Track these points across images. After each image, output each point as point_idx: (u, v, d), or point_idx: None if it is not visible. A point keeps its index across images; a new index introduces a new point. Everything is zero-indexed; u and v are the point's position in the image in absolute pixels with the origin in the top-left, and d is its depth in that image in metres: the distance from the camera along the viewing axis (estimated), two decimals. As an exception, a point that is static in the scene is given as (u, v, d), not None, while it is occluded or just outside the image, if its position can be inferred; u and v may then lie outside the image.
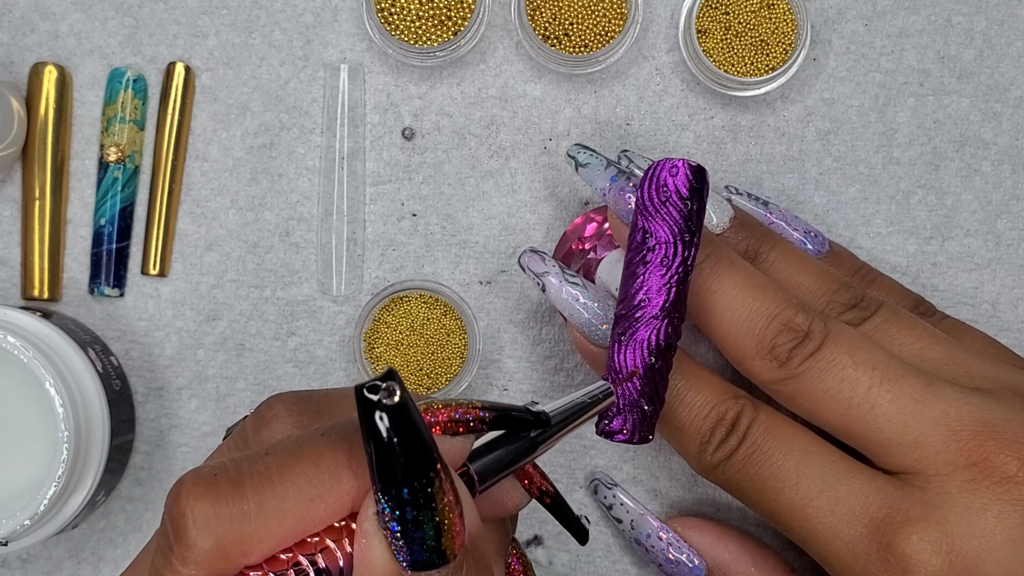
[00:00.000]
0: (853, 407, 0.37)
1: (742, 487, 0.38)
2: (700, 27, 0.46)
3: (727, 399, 0.38)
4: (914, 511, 0.35)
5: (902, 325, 0.40)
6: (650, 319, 0.37)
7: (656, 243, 0.37)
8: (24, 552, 0.48)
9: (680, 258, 0.37)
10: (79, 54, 0.48)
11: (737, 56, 0.46)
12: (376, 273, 0.48)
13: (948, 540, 0.34)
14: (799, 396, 0.37)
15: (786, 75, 0.46)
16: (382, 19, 0.46)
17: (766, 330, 0.37)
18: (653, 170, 0.37)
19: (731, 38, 0.46)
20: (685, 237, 0.37)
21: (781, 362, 0.37)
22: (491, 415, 0.28)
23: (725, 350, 0.39)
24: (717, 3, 0.46)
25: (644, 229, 0.37)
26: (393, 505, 0.26)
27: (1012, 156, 0.48)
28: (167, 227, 0.48)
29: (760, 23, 0.46)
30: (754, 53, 0.46)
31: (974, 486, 0.35)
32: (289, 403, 0.31)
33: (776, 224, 0.45)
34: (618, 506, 0.46)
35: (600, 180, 0.41)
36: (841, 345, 0.37)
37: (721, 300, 0.38)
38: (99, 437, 0.44)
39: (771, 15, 0.46)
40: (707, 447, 0.38)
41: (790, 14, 0.46)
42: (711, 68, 0.46)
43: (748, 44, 0.46)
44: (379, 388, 0.25)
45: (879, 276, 0.45)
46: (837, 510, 0.36)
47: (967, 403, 0.36)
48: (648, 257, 0.37)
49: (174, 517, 0.27)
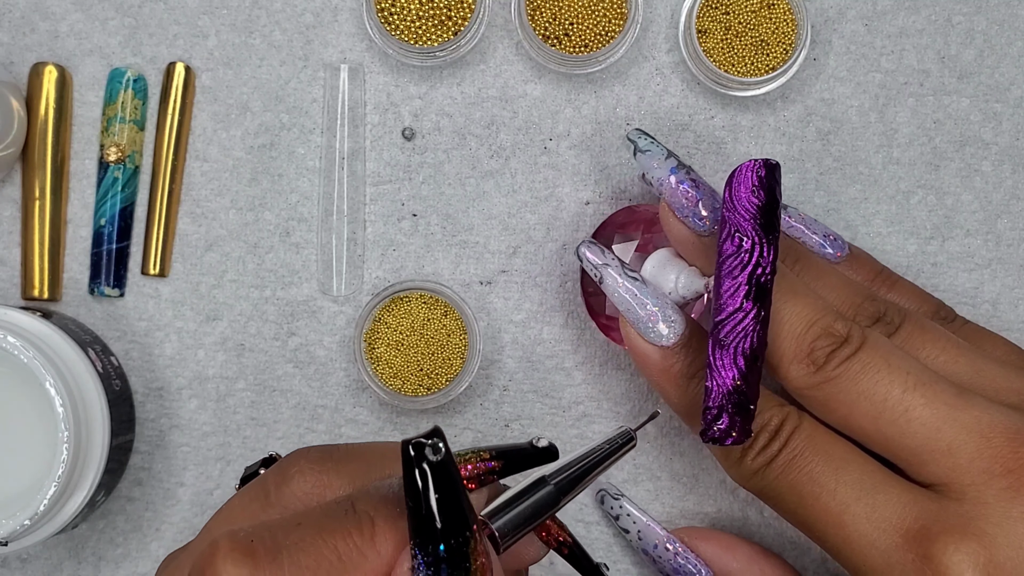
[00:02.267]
0: (887, 410, 0.37)
1: (779, 494, 0.38)
2: (700, 27, 0.46)
3: (773, 406, 0.39)
4: (952, 523, 0.35)
5: (927, 337, 0.40)
6: (751, 321, 0.37)
7: (741, 247, 0.37)
8: (24, 552, 0.48)
9: (761, 257, 0.37)
10: (79, 54, 0.48)
11: (737, 56, 0.46)
12: (376, 273, 0.48)
13: (987, 552, 0.34)
14: (832, 400, 0.37)
15: (786, 75, 0.46)
16: (382, 19, 0.46)
17: (805, 334, 0.37)
18: (730, 180, 0.37)
19: (731, 38, 0.46)
20: (767, 236, 0.37)
21: (818, 366, 0.37)
22: (499, 463, 0.29)
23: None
24: (717, 3, 0.46)
25: (735, 237, 0.37)
26: (429, 562, 0.26)
27: (1012, 156, 0.48)
28: (167, 227, 0.48)
29: (760, 23, 0.46)
30: (754, 53, 0.46)
31: (1011, 495, 0.35)
32: (312, 460, 0.32)
33: (795, 228, 0.45)
34: (624, 516, 0.46)
35: (660, 170, 0.40)
36: (877, 350, 0.37)
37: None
38: (99, 437, 0.44)
39: (771, 15, 0.46)
40: (749, 452, 0.38)
41: (790, 14, 0.46)
42: (711, 68, 0.46)
43: (748, 44, 0.46)
44: (424, 444, 0.25)
45: (899, 280, 0.45)
46: (874, 518, 0.36)
47: (999, 413, 0.36)
48: (742, 260, 0.37)
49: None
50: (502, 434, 0.48)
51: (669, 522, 0.48)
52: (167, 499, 0.48)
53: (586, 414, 0.48)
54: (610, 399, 0.48)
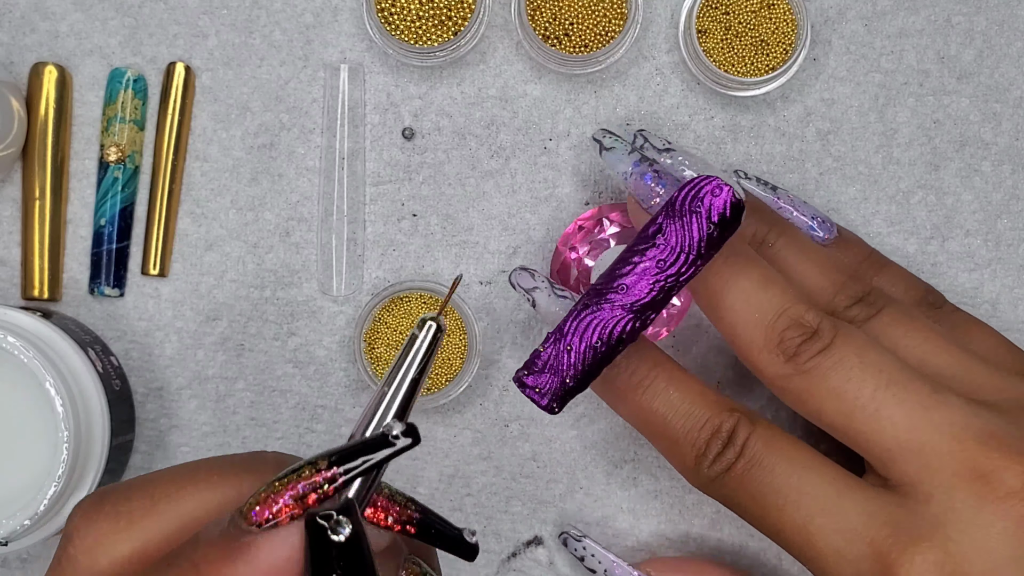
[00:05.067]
0: (858, 408, 0.36)
1: (741, 503, 0.38)
2: (700, 27, 0.46)
3: (723, 411, 0.38)
4: (918, 529, 0.34)
5: (909, 326, 0.39)
6: (619, 307, 0.37)
7: (664, 244, 0.37)
8: (24, 552, 0.48)
9: (676, 269, 0.36)
10: (79, 54, 0.48)
11: (737, 56, 0.46)
12: (376, 273, 0.48)
13: (952, 561, 0.34)
14: (805, 394, 0.37)
15: (786, 75, 0.46)
16: (382, 19, 0.46)
17: (775, 323, 0.37)
18: (699, 181, 0.36)
19: (731, 38, 0.46)
20: (691, 255, 0.36)
21: (788, 356, 0.37)
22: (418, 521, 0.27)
23: (733, 342, 0.38)
24: (717, 3, 0.46)
25: (660, 226, 0.37)
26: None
27: (1012, 156, 0.48)
28: (167, 227, 0.48)
29: (760, 23, 0.46)
30: (754, 53, 0.46)
31: (978, 501, 0.34)
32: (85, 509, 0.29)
33: (784, 209, 0.44)
34: (589, 557, 0.45)
35: (623, 164, 0.41)
36: (850, 345, 0.37)
37: (734, 292, 0.38)
38: (99, 437, 0.44)
39: (771, 15, 0.46)
40: (703, 460, 0.37)
41: (790, 14, 0.46)
42: (711, 68, 0.46)
43: (748, 44, 0.46)
44: (331, 518, 0.24)
45: (888, 264, 0.44)
46: (840, 528, 0.35)
47: (973, 414, 0.35)
48: (649, 252, 0.37)
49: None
50: (502, 434, 0.48)
51: (669, 522, 0.48)
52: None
53: (584, 415, 0.48)
54: (610, 399, 0.48)
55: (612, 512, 0.48)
